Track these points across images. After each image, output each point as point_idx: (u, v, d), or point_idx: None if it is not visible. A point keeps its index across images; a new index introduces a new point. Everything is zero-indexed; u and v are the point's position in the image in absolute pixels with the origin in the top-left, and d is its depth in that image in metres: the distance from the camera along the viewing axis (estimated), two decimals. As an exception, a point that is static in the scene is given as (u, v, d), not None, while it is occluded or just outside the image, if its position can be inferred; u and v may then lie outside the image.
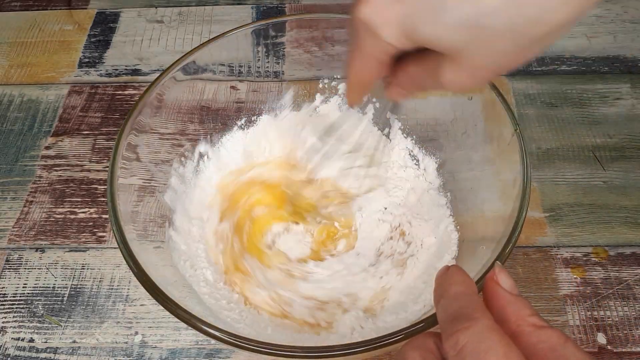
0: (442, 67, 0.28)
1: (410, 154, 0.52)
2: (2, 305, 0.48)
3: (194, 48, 0.48)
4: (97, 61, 0.66)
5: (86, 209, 0.54)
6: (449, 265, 0.29)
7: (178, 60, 0.47)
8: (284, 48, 0.53)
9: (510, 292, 0.27)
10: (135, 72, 0.65)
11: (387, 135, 0.50)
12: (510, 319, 0.26)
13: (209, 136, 0.52)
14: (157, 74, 0.47)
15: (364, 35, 0.29)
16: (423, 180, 0.51)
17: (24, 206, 0.54)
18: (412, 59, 0.31)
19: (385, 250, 0.47)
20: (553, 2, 0.24)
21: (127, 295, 0.48)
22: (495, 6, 0.24)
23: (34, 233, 0.52)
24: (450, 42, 0.26)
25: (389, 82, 0.34)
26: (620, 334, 0.45)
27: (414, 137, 0.52)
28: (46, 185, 0.55)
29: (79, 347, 0.46)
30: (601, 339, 0.45)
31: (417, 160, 0.52)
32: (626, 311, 0.46)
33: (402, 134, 0.53)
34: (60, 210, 0.54)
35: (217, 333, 0.33)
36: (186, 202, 0.49)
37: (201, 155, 0.51)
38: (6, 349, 0.46)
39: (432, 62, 0.29)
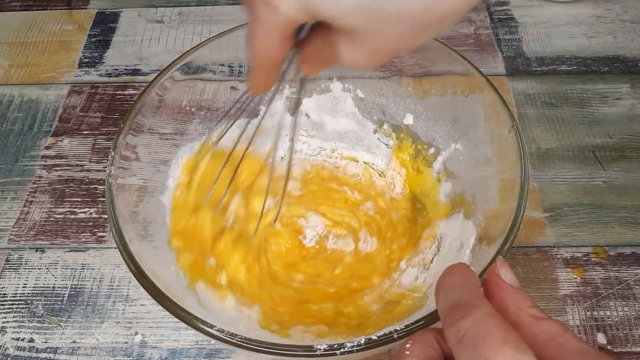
0: (340, 45, 0.28)
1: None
2: (2, 305, 0.48)
3: (192, 48, 0.48)
4: (97, 61, 0.66)
5: (86, 209, 0.54)
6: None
7: (176, 60, 0.47)
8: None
9: (511, 285, 0.28)
10: (135, 72, 0.65)
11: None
12: (510, 309, 0.27)
13: (208, 137, 0.52)
14: (156, 74, 0.47)
15: (262, 7, 0.28)
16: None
17: (24, 206, 0.54)
18: (316, 32, 0.31)
19: None
20: None
21: (127, 295, 0.48)
22: None
23: (34, 233, 0.52)
24: (347, 22, 0.26)
25: (298, 56, 0.33)
26: (620, 334, 0.45)
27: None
28: (46, 185, 0.56)
29: (79, 347, 0.46)
30: (601, 339, 0.45)
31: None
32: (626, 311, 0.46)
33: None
34: (60, 210, 0.54)
35: (217, 333, 0.33)
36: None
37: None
38: (6, 349, 0.46)
39: (333, 37, 0.29)
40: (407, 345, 0.27)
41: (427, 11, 0.25)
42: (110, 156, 0.42)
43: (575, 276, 0.48)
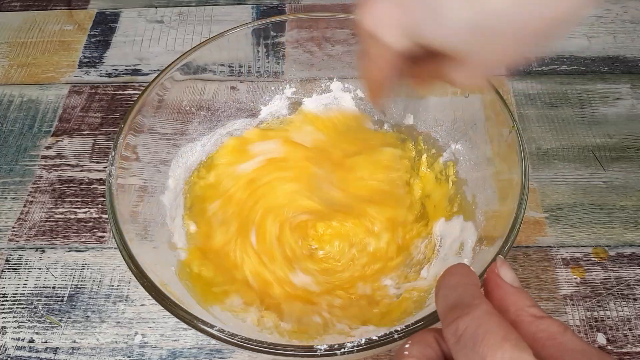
0: (446, 67, 0.30)
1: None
2: (2, 305, 0.48)
3: (192, 48, 0.48)
4: (97, 61, 0.66)
5: (86, 209, 0.54)
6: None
7: (176, 60, 0.47)
8: (284, 48, 0.53)
9: (511, 284, 0.28)
10: (135, 72, 0.65)
11: None
12: (509, 309, 0.26)
13: (208, 137, 0.52)
14: (156, 74, 0.47)
15: (370, 42, 0.31)
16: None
17: (24, 206, 0.54)
18: (425, 56, 0.32)
19: None
20: None
21: (127, 295, 0.48)
22: (503, 8, 0.25)
23: (34, 233, 0.52)
24: (452, 44, 0.27)
25: (409, 75, 0.35)
26: (620, 334, 0.45)
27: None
28: (46, 185, 0.55)
29: (79, 347, 0.46)
30: (601, 339, 0.45)
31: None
32: (626, 311, 0.46)
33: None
34: (60, 210, 0.54)
35: (217, 333, 0.33)
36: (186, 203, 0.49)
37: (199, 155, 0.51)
38: (6, 349, 0.46)
39: (440, 60, 0.30)
40: (407, 346, 0.27)
41: (535, 21, 0.25)
42: (110, 156, 0.42)
43: (575, 276, 0.48)
